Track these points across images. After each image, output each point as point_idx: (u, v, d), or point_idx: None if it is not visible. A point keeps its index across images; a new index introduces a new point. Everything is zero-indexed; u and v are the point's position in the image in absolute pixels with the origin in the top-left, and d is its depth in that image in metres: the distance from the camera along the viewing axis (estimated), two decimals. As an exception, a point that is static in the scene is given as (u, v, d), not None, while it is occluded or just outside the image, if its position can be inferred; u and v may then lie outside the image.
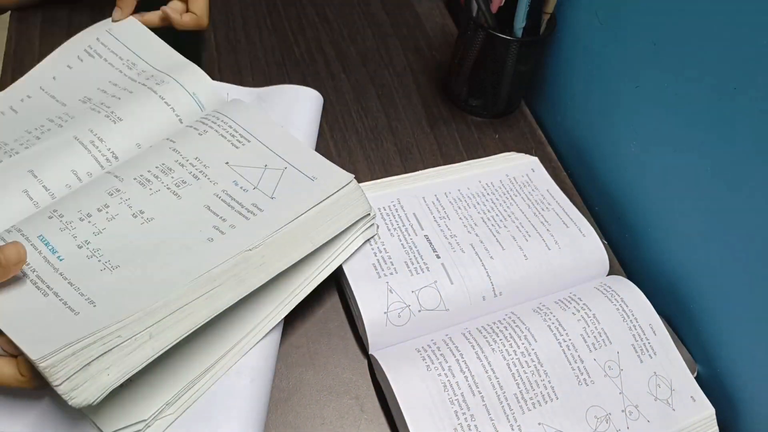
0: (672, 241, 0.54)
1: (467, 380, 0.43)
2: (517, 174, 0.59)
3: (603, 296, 0.50)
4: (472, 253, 0.51)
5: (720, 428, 0.46)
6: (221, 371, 0.42)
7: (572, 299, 0.49)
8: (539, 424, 0.43)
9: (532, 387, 0.44)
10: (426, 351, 0.45)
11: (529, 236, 0.53)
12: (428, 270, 0.49)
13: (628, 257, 0.59)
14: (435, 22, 0.76)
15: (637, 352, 0.47)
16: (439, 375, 0.43)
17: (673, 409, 0.46)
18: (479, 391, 0.43)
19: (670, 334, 0.49)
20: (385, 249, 0.50)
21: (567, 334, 0.47)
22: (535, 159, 0.61)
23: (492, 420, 0.42)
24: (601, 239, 0.54)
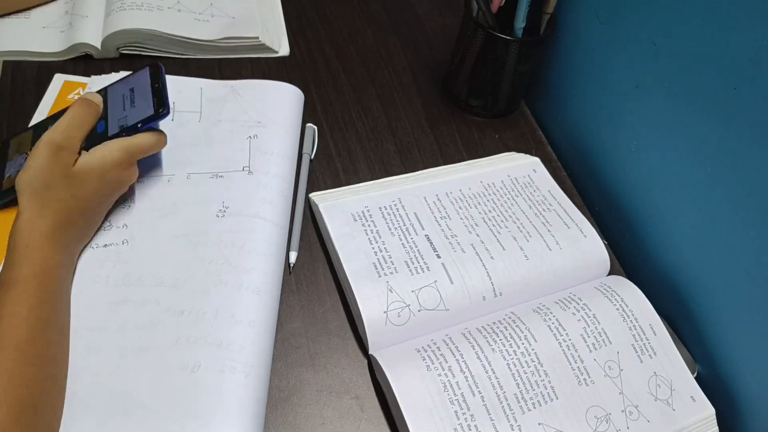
0: (672, 241, 0.54)
1: (467, 380, 0.43)
2: (518, 174, 0.59)
3: (603, 296, 0.50)
4: (472, 253, 0.51)
5: (720, 428, 0.46)
6: None
7: (572, 299, 0.49)
8: (539, 424, 0.43)
9: (532, 387, 0.44)
10: (426, 351, 0.45)
11: (530, 237, 0.53)
12: (428, 270, 0.49)
13: (628, 257, 0.59)
14: (435, 22, 0.76)
15: (637, 352, 0.47)
16: (439, 375, 0.43)
17: (673, 409, 0.46)
18: (479, 391, 0.43)
19: (670, 334, 0.49)
20: (385, 248, 0.50)
21: (567, 334, 0.47)
22: (537, 159, 0.61)
23: (492, 420, 0.42)
24: (601, 239, 0.54)
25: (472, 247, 0.51)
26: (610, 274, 0.54)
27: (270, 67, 0.66)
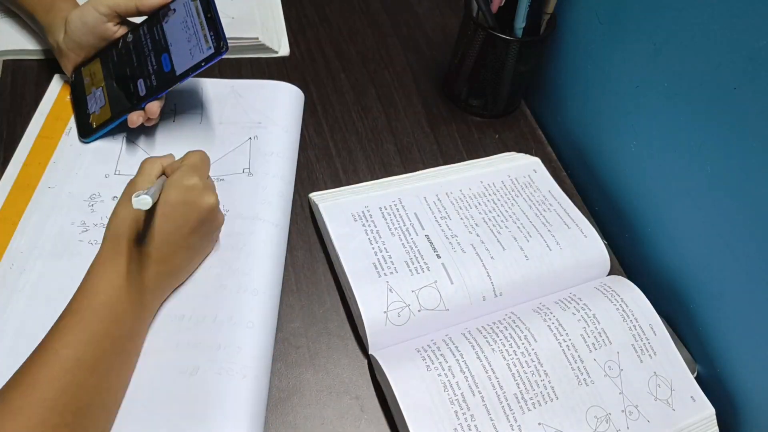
0: (672, 241, 0.54)
1: (467, 380, 0.43)
2: (518, 174, 0.59)
3: (603, 296, 0.50)
4: (472, 253, 0.51)
5: (720, 428, 0.46)
6: None
7: (572, 299, 0.49)
8: (539, 424, 0.43)
9: (532, 387, 0.44)
10: (426, 351, 0.45)
11: (530, 237, 0.53)
12: (428, 270, 0.49)
13: (628, 257, 0.59)
14: (435, 22, 0.76)
15: (637, 352, 0.47)
16: (439, 375, 0.43)
17: (673, 409, 0.46)
18: (479, 391, 0.43)
19: (670, 334, 0.49)
20: (385, 248, 0.50)
21: (567, 334, 0.47)
22: (537, 160, 0.61)
23: (492, 420, 0.42)
24: (601, 239, 0.54)
25: (472, 247, 0.51)
26: (610, 274, 0.54)
27: (270, 67, 0.66)
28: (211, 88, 0.60)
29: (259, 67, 0.66)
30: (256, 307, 0.46)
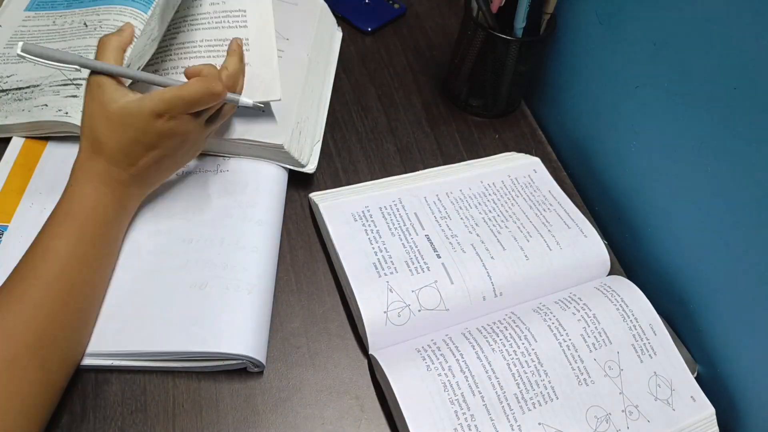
0: (672, 241, 0.54)
1: (467, 380, 0.43)
2: (518, 174, 0.59)
3: (603, 296, 0.50)
4: (472, 253, 0.51)
5: (720, 428, 0.46)
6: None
7: (572, 299, 0.49)
8: (539, 424, 0.43)
9: (532, 387, 0.44)
10: (426, 351, 0.45)
11: (531, 237, 0.53)
12: (429, 270, 0.49)
13: (628, 257, 0.59)
14: (435, 22, 0.76)
15: (637, 352, 0.47)
16: (439, 375, 0.43)
17: (673, 409, 0.46)
18: (479, 391, 0.43)
19: (670, 334, 0.49)
20: (385, 248, 0.50)
21: (567, 334, 0.47)
22: (537, 159, 0.61)
23: (492, 420, 0.42)
24: (601, 239, 0.54)
25: (473, 247, 0.51)
26: (610, 274, 0.54)
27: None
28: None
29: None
30: (260, 234, 0.50)
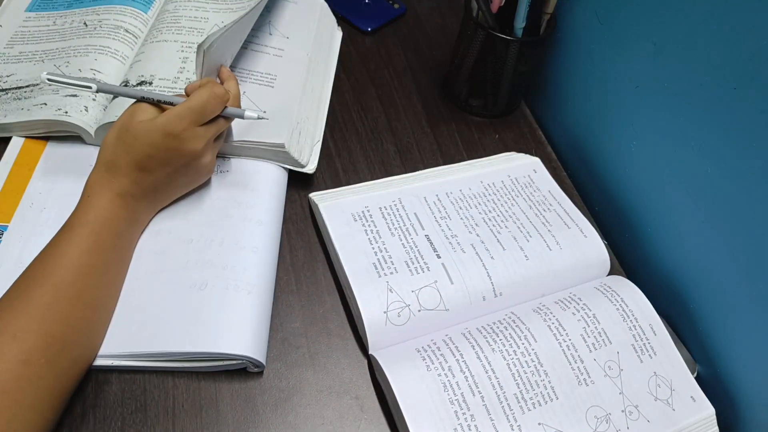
0: (672, 241, 0.54)
1: (467, 380, 0.43)
2: (518, 174, 0.59)
3: (603, 296, 0.50)
4: (472, 253, 0.51)
5: (720, 428, 0.46)
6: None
7: (572, 299, 0.49)
8: (539, 424, 0.43)
9: (532, 387, 0.44)
10: (426, 351, 0.45)
11: (531, 237, 0.53)
12: (428, 270, 0.49)
13: (628, 257, 0.59)
14: (435, 22, 0.76)
15: (637, 352, 0.47)
16: (439, 375, 0.43)
17: (673, 409, 0.46)
18: (479, 391, 0.43)
19: (670, 334, 0.49)
20: (385, 248, 0.50)
21: (567, 334, 0.47)
22: (537, 160, 0.61)
23: (492, 420, 0.42)
24: (601, 239, 0.54)
25: (472, 247, 0.51)
26: (610, 274, 0.54)
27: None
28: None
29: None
30: (259, 234, 0.50)
